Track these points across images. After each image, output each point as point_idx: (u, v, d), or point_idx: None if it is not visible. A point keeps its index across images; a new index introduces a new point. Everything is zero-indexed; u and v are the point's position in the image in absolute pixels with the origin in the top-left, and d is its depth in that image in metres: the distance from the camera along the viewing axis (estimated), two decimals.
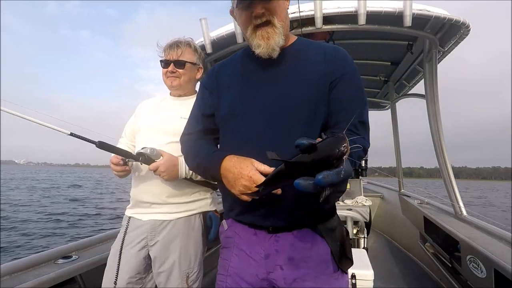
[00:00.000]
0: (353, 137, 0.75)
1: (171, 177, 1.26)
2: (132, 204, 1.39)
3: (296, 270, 0.88)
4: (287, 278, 0.88)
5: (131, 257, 1.30)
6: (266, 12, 0.87)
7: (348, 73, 0.91)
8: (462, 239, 1.77)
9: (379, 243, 3.69)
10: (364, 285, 1.68)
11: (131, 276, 1.28)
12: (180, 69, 1.39)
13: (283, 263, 0.89)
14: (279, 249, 0.90)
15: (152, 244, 1.30)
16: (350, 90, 0.91)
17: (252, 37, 0.90)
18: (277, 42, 0.89)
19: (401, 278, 2.65)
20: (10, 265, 1.32)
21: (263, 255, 0.91)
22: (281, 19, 0.90)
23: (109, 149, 1.26)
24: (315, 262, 0.89)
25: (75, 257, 1.53)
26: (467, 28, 1.79)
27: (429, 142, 2.30)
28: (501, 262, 1.38)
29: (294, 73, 0.92)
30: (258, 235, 0.92)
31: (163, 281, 1.29)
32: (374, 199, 4.20)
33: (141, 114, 1.46)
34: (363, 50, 2.53)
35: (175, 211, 1.32)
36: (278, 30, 0.88)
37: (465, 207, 2.22)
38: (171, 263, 1.29)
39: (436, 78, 2.18)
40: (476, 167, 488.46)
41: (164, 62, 1.40)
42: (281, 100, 0.89)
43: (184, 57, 1.39)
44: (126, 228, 1.35)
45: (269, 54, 0.89)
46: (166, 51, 1.40)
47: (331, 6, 1.74)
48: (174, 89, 1.44)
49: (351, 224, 2.72)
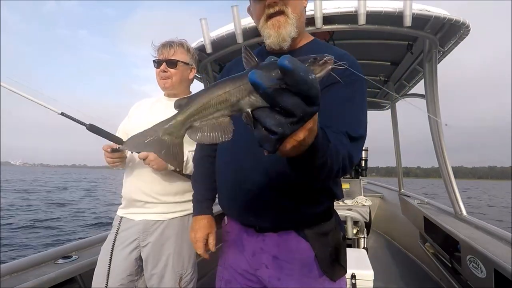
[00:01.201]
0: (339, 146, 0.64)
1: (160, 167, 1.24)
2: (125, 204, 1.37)
3: (280, 270, 0.89)
4: (272, 277, 0.90)
5: (122, 258, 1.28)
6: (279, 1, 0.85)
7: (346, 80, 0.79)
8: (462, 239, 1.77)
9: (379, 243, 3.69)
10: (364, 285, 1.68)
11: (123, 278, 1.26)
12: (172, 68, 1.38)
13: (268, 262, 0.91)
14: (264, 247, 0.91)
15: (144, 245, 1.28)
16: (343, 98, 0.79)
17: (263, 27, 0.88)
18: (289, 32, 0.85)
19: (401, 278, 2.64)
20: (10, 265, 1.32)
21: (251, 252, 0.93)
22: (296, 11, 0.87)
23: (99, 133, 1.26)
24: (299, 264, 0.89)
25: (75, 257, 1.53)
26: (467, 28, 1.79)
27: (425, 142, 2.30)
28: (501, 262, 1.38)
29: None
30: (248, 232, 0.95)
31: (155, 283, 1.27)
32: (374, 199, 4.20)
33: (135, 114, 1.46)
34: (363, 50, 2.53)
35: (168, 211, 1.31)
36: (291, 21, 0.85)
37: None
38: (163, 264, 1.27)
39: (436, 78, 2.18)
40: (472, 166, 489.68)
41: (156, 61, 1.40)
42: None
43: (177, 56, 1.39)
44: (117, 229, 1.33)
45: (279, 45, 0.87)
46: (159, 50, 1.40)
47: (331, 6, 1.74)
48: (167, 90, 1.43)
49: (351, 224, 2.72)
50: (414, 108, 2.37)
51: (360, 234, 2.81)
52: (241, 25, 1.85)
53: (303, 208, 0.86)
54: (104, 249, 1.33)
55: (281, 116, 0.39)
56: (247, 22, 1.85)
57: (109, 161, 1.29)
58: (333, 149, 0.60)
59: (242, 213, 0.93)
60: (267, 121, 0.39)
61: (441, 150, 2.22)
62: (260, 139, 0.41)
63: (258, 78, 0.37)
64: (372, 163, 5.27)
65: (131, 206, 1.34)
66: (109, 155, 1.27)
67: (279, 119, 0.39)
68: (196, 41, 2.06)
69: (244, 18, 1.86)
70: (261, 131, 0.41)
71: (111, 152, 1.26)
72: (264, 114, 0.40)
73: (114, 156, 1.28)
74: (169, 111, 1.41)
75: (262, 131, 0.41)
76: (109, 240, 1.33)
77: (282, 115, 0.39)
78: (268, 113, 0.40)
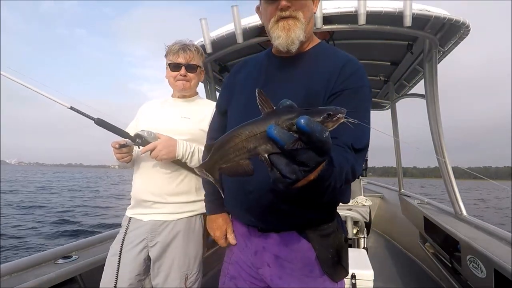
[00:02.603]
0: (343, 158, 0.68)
1: (169, 156, 1.25)
2: (133, 204, 1.38)
3: (281, 269, 0.91)
4: (273, 276, 0.92)
5: (131, 258, 1.29)
6: (292, 6, 0.86)
7: (351, 89, 0.84)
8: (462, 239, 1.77)
9: (379, 243, 3.69)
10: (364, 285, 1.68)
11: (132, 278, 1.28)
12: (191, 73, 1.40)
13: (270, 261, 0.93)
14: (267, 247, 0.93)
15: (152, 245, 1.30)
16: (348, 106, 0.83)
17: (273, 29, 0.89)
18: (298, 36, 0.87)
19: (401, 278, 2.64)
20: (10, 265, 1.32)
21: (253, 251, 0.96)
22: (306, 16, 0.89)
23: (107, 127, 1.28)
24: (300, 264, 0.90)
25: (75, 257, 1.53)
26: (467, 28, 1.79)
27: (421, 142, 2.29)
28: (501, 262, 1.38)
29: (300, 78, 0.91)
30: (250, 231, 0.98)
31: (160, 281, 1.28)
32: (374, 199, 4.20)
33: (143, 115, 1.47)
34: (363, 50, 2.53)
35: (176, 212, 1.32)
36: (301, 25, 0.87)
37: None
38: (170, 264, 1.28)
39: (436, 78, 2.18)
40: (468, 166, 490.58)
41: (174, 65, 1.38)
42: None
43: (195, 61, 1.41)
44: (126, 229, 1.34)
45: (288, 47, 0.88)
46: (175, 54, 1.38)
47: (331, 6, 1.74)
48: (184, 92, 1.44)
49: (351, 224, 2.72)
50: (411, 109, 2.37)
51: (360, 234, 2.81)
52: (241, 25, 1.85)
53: (305, 213, 0.88)
54: (113, 248, 1.34)
55: (295, 165, 0.43)
56: (247, 22, 1.85)
57: (118, 157, 1.30)
58: (337, 171, 0.62)
59: (245, 215, 0.96)
60: (283, 169, 0.44)
61: (441, 150, 2.22)
62: (275, 180, 0.46)
63: (277, 135, 0.40)
64: (369, 163, 5.34)
65: (139, 207, 1.35)
66: (118, 151, 1.28)
67: (294, 168, 0.43)
68: (196, 41, 2.06)
69: (244, 18, 1.86)
70: (276, 174, 0.45)
71: (119, 148, 1.27)
72: (280, 161, 0.44)
73: (123, 151, 1.29)
74: (176, 110, 1.41)
75: (277, 174, 0.45)
76: (117, 240, 1.34)
77: (297, 164, 0.43)
78: (284, 161, 0.44)
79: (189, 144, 1.30)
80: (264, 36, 2.00)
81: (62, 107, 1.25)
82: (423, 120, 2.35)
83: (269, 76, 0.97)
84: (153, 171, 1.33)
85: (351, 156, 0.73)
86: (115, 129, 1.29)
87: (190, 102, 1.45)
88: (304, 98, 0.86)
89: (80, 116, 1.27)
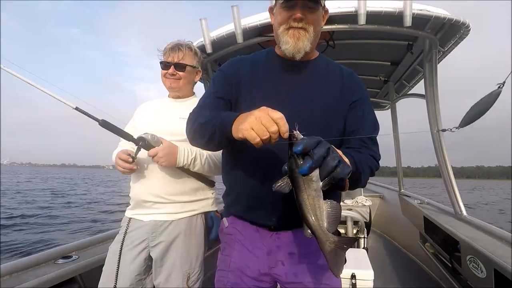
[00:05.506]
0: (366, 150, 0.93)
1: (169, 163, 1.25)
2: (133, 205, 1.38)
3: (296, 265, 0.93)
4: (288, 273, 0.93)
5: (132, 258, 1.29)
6: (305, 19, 0.91)
7: (363, 97, 1.01)
8: (462, 239, 1.77)
9: (379, 243, 3.69)
10: (364, 285, 1.68)
11: (132, 278, 1.28)
12: (180, 71, 1.40)
13: (284, 259, 0.94)
14: (280, 245, 0.94)
15: (154, 245, 1.30)
16: (365, 111, 1.01)
17: (283, 34, 0.94)
18: (305, 46, 0.93)
19: (401, 278, 2.65)
20: (10, 265, 1.32)
21: (266, 251, 0.95)
22: (315, 30, 0.95)
23: (111, 129, 1.27)
24: (315, 257, 0.93)
25: (75, 257, 1.53)
26: (467, 28, 1.79)
27: (416, 142, 2.29)
28: (501, 262, 1.38)
29: (317, 84, 0.98)
30: (260, 232, 0.97)
31: (162, 281, 1.29)
32: (374, 199, 4.20)
33: (140, 116, 1.46)
34: (363, 50, 2.53)
35: (177, 211, 1.32)
36: (310, 37, 0.93)
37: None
38: (172, 263, 1.29)
39: (436, 78, 2.18)
40: (461, 166, 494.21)
41: (164, 64, 1.40)
42: (301, 107, 0.93)
43: (185, 60, 1.40)
44: (126, 229, 1.34)
45: (293, 54, 0.94)
46: (167, 53, 1.40)
47: (331, 6, 1.74)
48: (173, 91, 1.44)
49: (351, 224, 2.72)
50: (408, 109, 2.38)
51: (360, 234, 2.81)
52: (241, 25, 1.85)
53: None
54: (112, 249, 1.34)
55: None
56: (247, 22, 1.85)
57: (124, 170, 1.28)
58: (362, 167, 0.86)
59: (258, 213, 0.96)
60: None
61: (441, 150, 2.22)
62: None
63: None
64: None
65: (139, 207, 1.35)
66: (127, 166, 1.26)
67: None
68: (196, 41, 2.06)
69: (244, 18, 1.86)
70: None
71: (126, 162, 1.26)
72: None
73: (130, 167, 1.27)
74: (173, 111, 1.41)
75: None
76: (117, 240, 1.34)
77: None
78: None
79: (190, 151, 1.29)
80: (264, 36, 2.00)
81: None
82: (423, 120, 2.35)
83: (284, 79, 0.98)
84: (152, 172, 1.33)
85: (372, 151, 0.95)
86: (119, 131, 1.29)
87: (187, 103, 1.45)
88: (320, 99, 0.96)
89: (82, 116, 1.26)
